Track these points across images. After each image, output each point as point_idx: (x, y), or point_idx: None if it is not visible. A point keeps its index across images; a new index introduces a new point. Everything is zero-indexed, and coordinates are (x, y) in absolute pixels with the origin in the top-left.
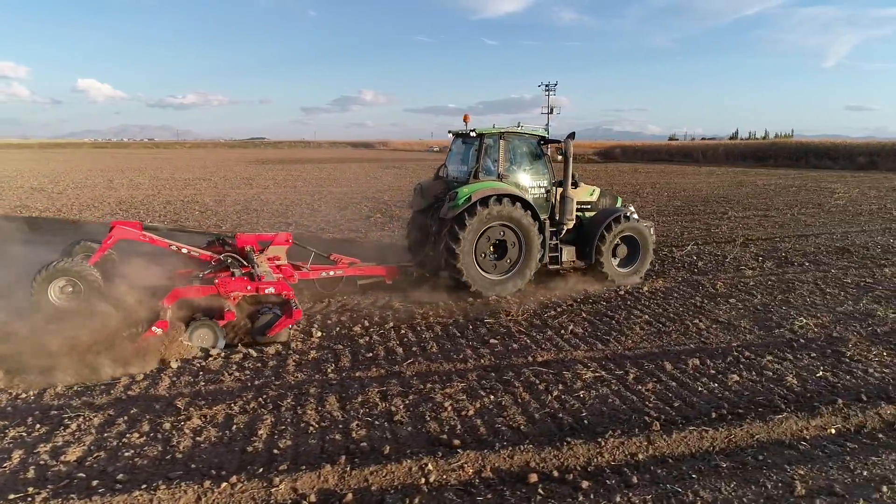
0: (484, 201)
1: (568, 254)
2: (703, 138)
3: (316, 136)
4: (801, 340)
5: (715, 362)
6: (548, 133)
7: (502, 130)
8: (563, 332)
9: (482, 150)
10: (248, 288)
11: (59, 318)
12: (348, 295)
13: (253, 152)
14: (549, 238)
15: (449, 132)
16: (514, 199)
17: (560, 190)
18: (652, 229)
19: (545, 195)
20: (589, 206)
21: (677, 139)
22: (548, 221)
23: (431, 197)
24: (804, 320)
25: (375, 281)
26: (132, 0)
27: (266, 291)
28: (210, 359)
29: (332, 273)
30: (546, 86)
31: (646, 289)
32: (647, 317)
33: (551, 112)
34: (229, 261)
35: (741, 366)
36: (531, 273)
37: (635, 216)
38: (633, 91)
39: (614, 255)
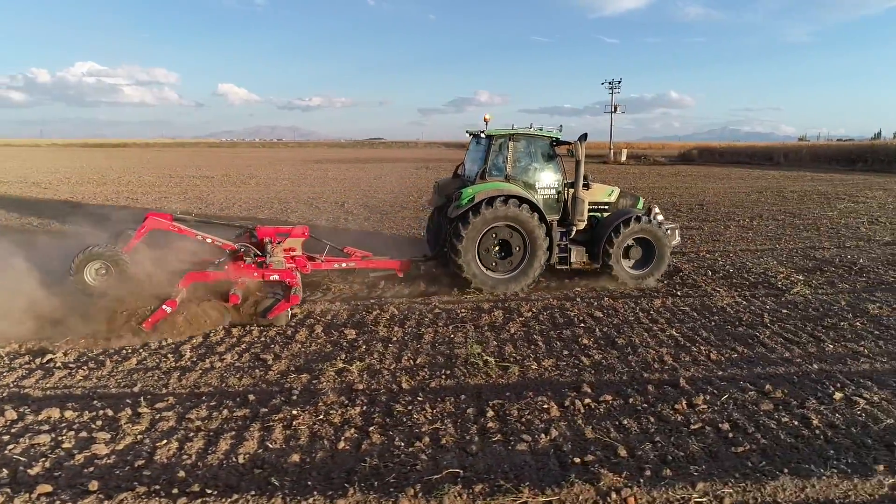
0: (489, 202)
1: (578, 254)
2: (840, 139)
3: (428, 137)
4: None
5: None
6: (560, 135)
7: (512, 132)
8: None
9: (491, 150)
10: (255, 274)
11: (92, 295)
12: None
13: (364, 152)
14: (560, 239)
15: (466, 132)
16: (521, 200)
17: (572, 191)
18: (677, 232)
19: (556, 196)
20: (607, 207)
21: (808, 140)
22: (555, 222)
23: (447, 195)
24: None
25: (386, 274)
26: (266, 11)
27: (271, 278)
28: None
29: (343, 265)
30: (609, 83)
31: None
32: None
33: (615, 111)
34: (243, 250)
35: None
36: (536, 273)
37: (659, 218)
38: (765, 89)
39: (627, 257)
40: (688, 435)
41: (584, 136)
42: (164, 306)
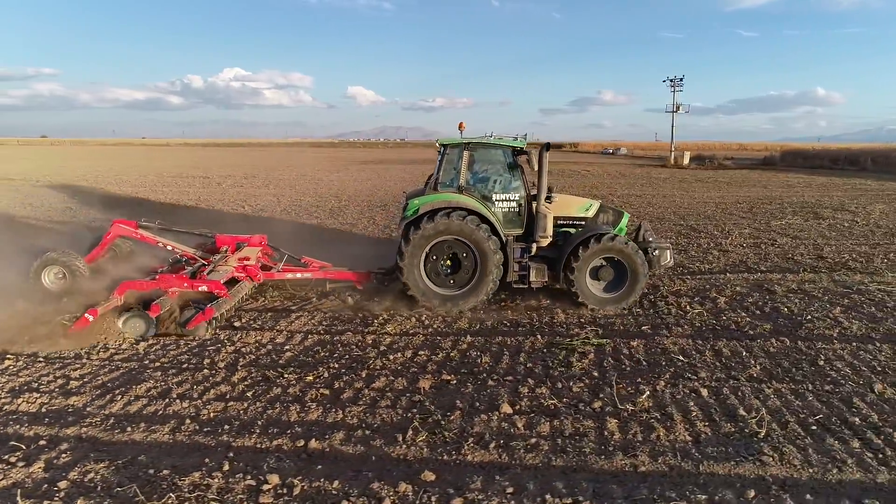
0: (432, 215)
1: (537, 273)
2: None
3: (547, 137)
4: None
5: None
6: (522, 144)
7: (466, 141)
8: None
9: (444, 160)
10: (185, 285)
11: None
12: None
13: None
14: (520, 255)
15: (436, 141)
16: (469, 212)
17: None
18: (668, 252)
19: (517, 209)
20: (583, 223)
21: None
22: (512, 237)
23: None
24: None
25: (345, 285)
26: (394, 15)
27: (199, 289)
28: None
29: (299, 276)
30: (671, 81)
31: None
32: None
33: (676, 110)
34: (183, 260)
35: None
36: (488, 290)
37: (650, 237)
38: None
39: (597, 279)
40: None
41: (546, 146)
42: (86, 314)
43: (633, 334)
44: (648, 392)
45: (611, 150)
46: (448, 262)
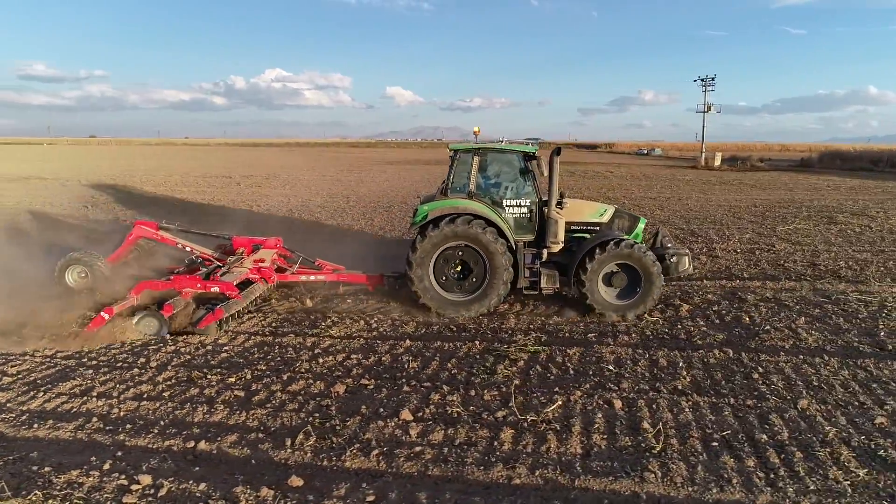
0: (439, 221)
1: (548, 279)
2: None
3: (587, 137)
4: None
5: None
6: (533, 149)
7: (476, 146)
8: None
9: (455, 166)
10: (198, 286)
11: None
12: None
13: None
14: (531, 261)
15: (449, 147)
16: (476, 218)
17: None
18: (686, 259)
19: (528, 215)
20: (597, 228)
21: None
22: (523, 243)
23: None
24: None
25: (357, 287)
26: (433, 15)
27: (212, 290)
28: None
29: (312, 278)
30: (702, 80)
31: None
32: None
33: (707, 110)
34: (199, 261)
35: None
36: (498, 296)
37: (668, 242)
38: None
39: (610, 285)
40: None
41: (557, 151)
42: (102, 313)
43: (576, 342)
44: (560, 402)
45: (645, 151)
46: (458, 268)
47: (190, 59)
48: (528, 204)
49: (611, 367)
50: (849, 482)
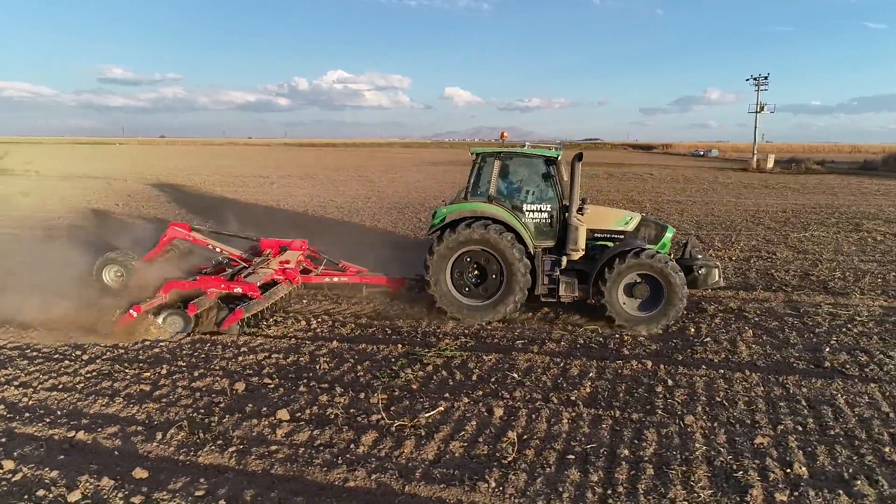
0: (456, 224)
1: (567, 287)
2: None
3: (648, 138)
4: None
5: None
6: (556, 154)
7: (498, 150)
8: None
9: (476, 170)
10: (222, 286)
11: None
12: None
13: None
14: (551, 268)
15: (471, 150)
16: (496, 222)
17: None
18: (716, 272)
19: (548, 221)
20: (622, 236)
21: None
22: (542, 249)
23: None
24: None
25: (381, 290)
26: (492, 14)
27: (235, 291)
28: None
29: (336, 279)
30: (755, 79)
31: None
32: None
33: (760, 110)
34: (225, 262)
35: None
36: (515, 303)
37: (697, 253)
38: None
39: (632, 296)
40: None
41: (579, 156)
42: (131, 311)
43: (500, 348)
44: (443, 408)
45: (701, 152)
46: (476, 272)
47: (256, 61)
48: (548, 209)
49: (516, 375)
50: (686, 502)
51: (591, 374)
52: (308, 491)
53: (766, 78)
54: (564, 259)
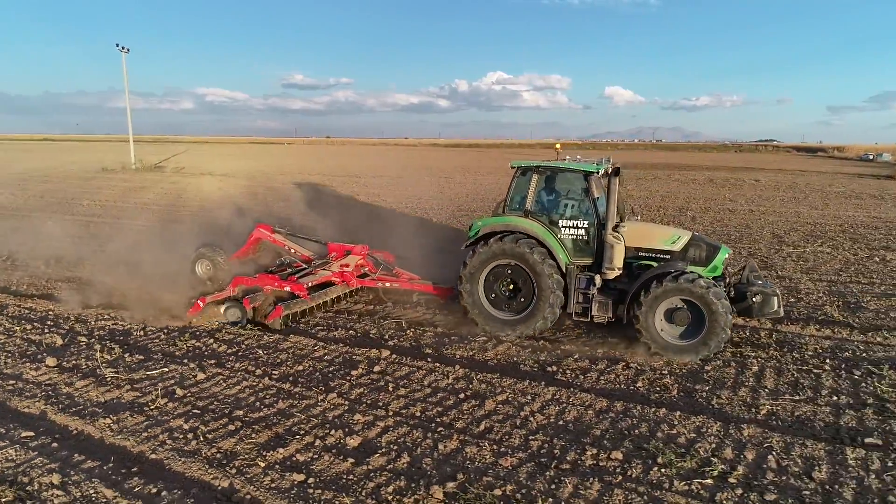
0: (489, 237)
1: (600, 307)
2: None
3: (838, 140)
4: None
5: None
6: (598, 168)
7: (537, 164)
8: None
9: (514, 183)
10: (276, 284)
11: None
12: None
13: (731, 157)
14: (586, 286)
15: (511, 164)
16: (528, 237)
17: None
18: (774, 300)
19: (585, 237)
20: (667, 256)
21: None
22: (576, 266)
23: None
24: None
25: (431, 297)
26: (659, 11)
27: (285, 288)
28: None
29: (388, 284)
30: None
31: None
32: None
33: None
34: (287, 262)
35: None
36: (544, 319)
37: (756, 279)
38: None
39: (672, 321)
40: None
41: (616, 171)
42: (199, 301)
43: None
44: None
45: (871, 156)
46: (510, 286)
47: (420, 65)
48: (585, 226)
49: (421, 387)
50: None
51: (483, 388)
52: (144, 473)
53: None
54: (598, 277)
